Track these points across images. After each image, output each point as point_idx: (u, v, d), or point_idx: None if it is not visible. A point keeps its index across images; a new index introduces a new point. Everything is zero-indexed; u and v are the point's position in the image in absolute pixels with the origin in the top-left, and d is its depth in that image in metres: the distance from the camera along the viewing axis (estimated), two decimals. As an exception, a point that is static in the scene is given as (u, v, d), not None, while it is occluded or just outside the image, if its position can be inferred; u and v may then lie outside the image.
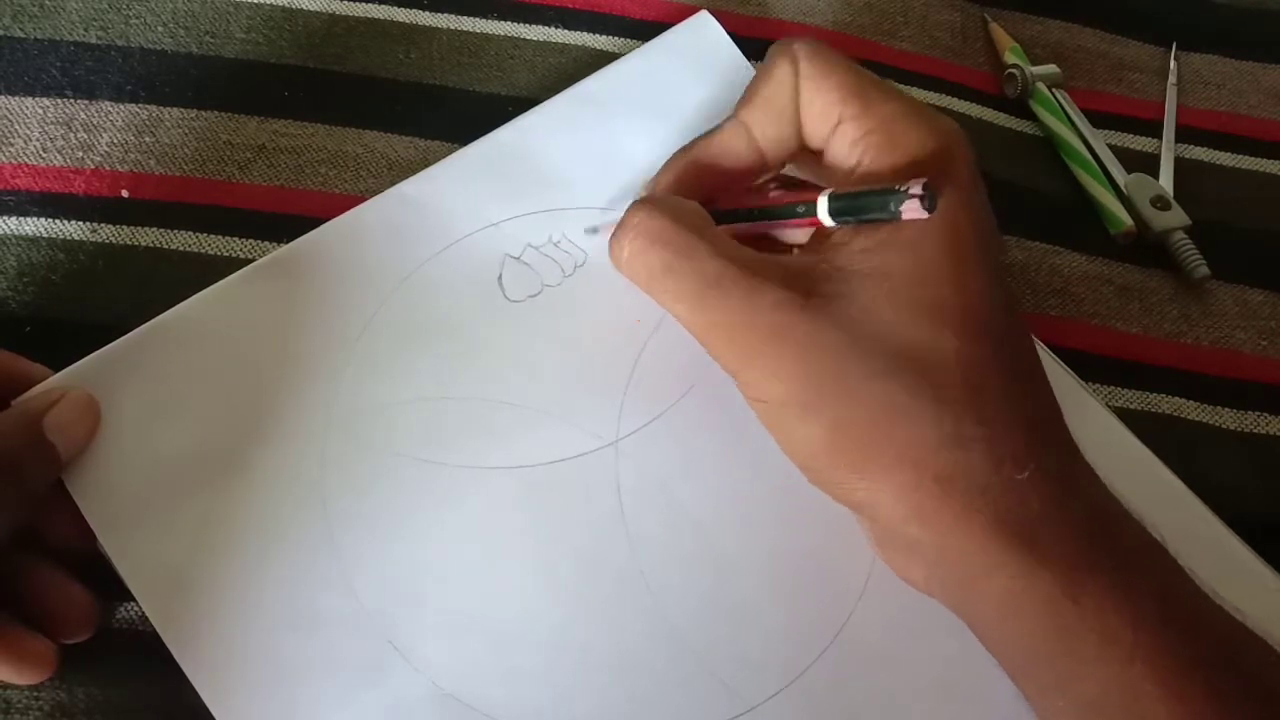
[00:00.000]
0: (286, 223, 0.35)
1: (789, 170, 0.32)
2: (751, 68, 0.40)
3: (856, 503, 0.26)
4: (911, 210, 0.25)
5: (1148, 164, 0.42)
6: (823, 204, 0.27)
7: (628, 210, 0.29)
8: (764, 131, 0.30)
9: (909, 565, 0.27)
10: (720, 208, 0.30)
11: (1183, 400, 0.37)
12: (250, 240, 0.35)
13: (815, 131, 0.29)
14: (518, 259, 0.34)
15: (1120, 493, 0.29)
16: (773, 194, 0.32)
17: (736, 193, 0.31)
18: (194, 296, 0.32)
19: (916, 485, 0.24)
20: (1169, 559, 0.25)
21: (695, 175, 0.31)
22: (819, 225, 0.28)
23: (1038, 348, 0.35)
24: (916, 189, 0.25)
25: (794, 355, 0.25)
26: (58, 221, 0.34)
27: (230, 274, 0.33)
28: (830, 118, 0.28)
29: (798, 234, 0.31)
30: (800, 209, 0.28)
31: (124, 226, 0.35)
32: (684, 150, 0.31)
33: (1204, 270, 0.39)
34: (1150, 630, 0.23)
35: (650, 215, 0.28)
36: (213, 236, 0.35)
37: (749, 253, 0.27)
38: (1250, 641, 0.24)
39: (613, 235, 0.29)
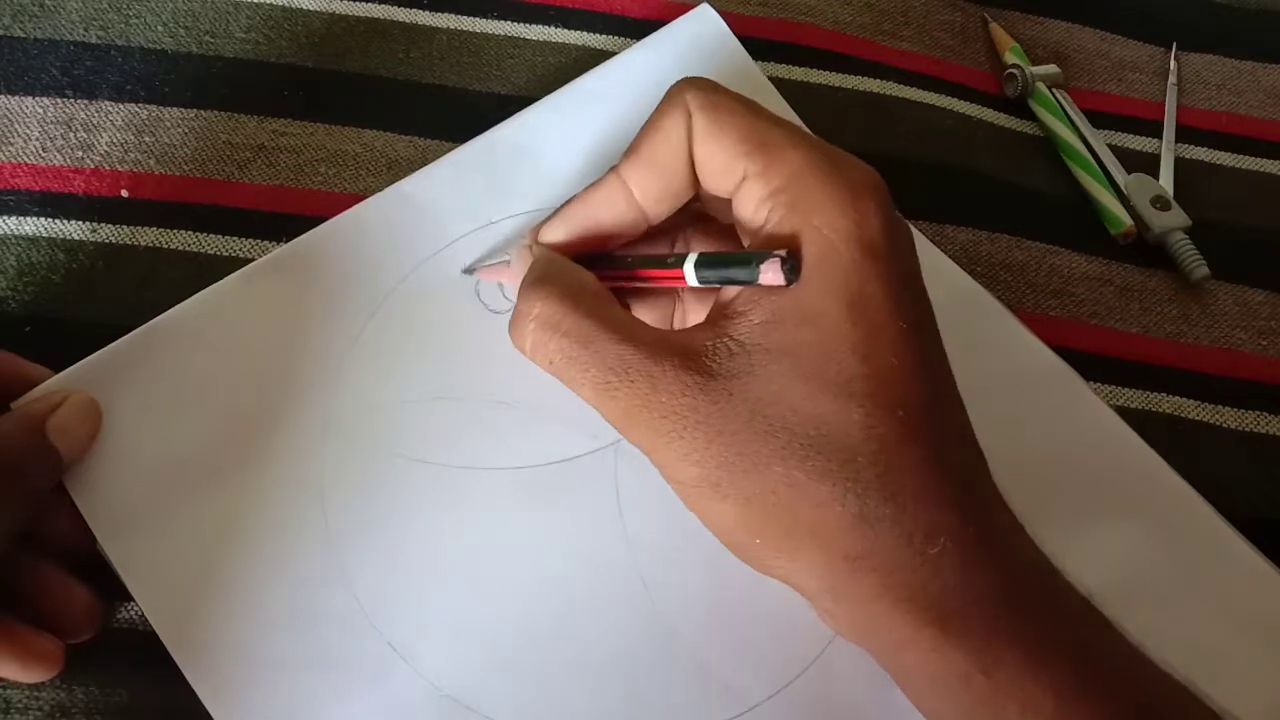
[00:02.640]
0: (286, 222, 0.35)
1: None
2: (753, 61, 0.40)
3: (778, 577, 0.26)
4: (770, 274, 0.24)
5: (1148, 164, 0.42)
6: (689, 264, 0.27)
7: (523, 294, 0.28)
8: (645, 190, 0.29)
9: (838, 629, 0.27)
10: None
11: (1183, 400, 0.37)
12: (250, 240, 0.35)
13: (718, 185, 0.28)
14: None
15: (1123, 491, 0.28)
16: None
17: (622, 246, 0.31)
18: (194, 296, 0.32)
19: (827, 564, 0.24)
20: (1095, 616, 0.25)
21: (580, 229, 0.30)
22: (684, 283, 0.27)
23: (1039, 341, 0.36)
24: (779, 252, 0.24)
25: (700, 438, 0.25)
26: (58, 221, 0.34)
27: (230, 274, 0.33)
28: (734, 173, 0.27)
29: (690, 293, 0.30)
30: (670, 260, 0.27)
31: (124, 226, 0.35)
32: (569, 203, 0.30)
33: (1204, 270, 0.39)
34: (1070, 698, 0.23)
35: (547, 304, 0.27)
36: (212, 236, 0.35)
37: (650, 332, 0.26)
38: (1178, 697, 0.24)
39: (512, 322, 0.28)
